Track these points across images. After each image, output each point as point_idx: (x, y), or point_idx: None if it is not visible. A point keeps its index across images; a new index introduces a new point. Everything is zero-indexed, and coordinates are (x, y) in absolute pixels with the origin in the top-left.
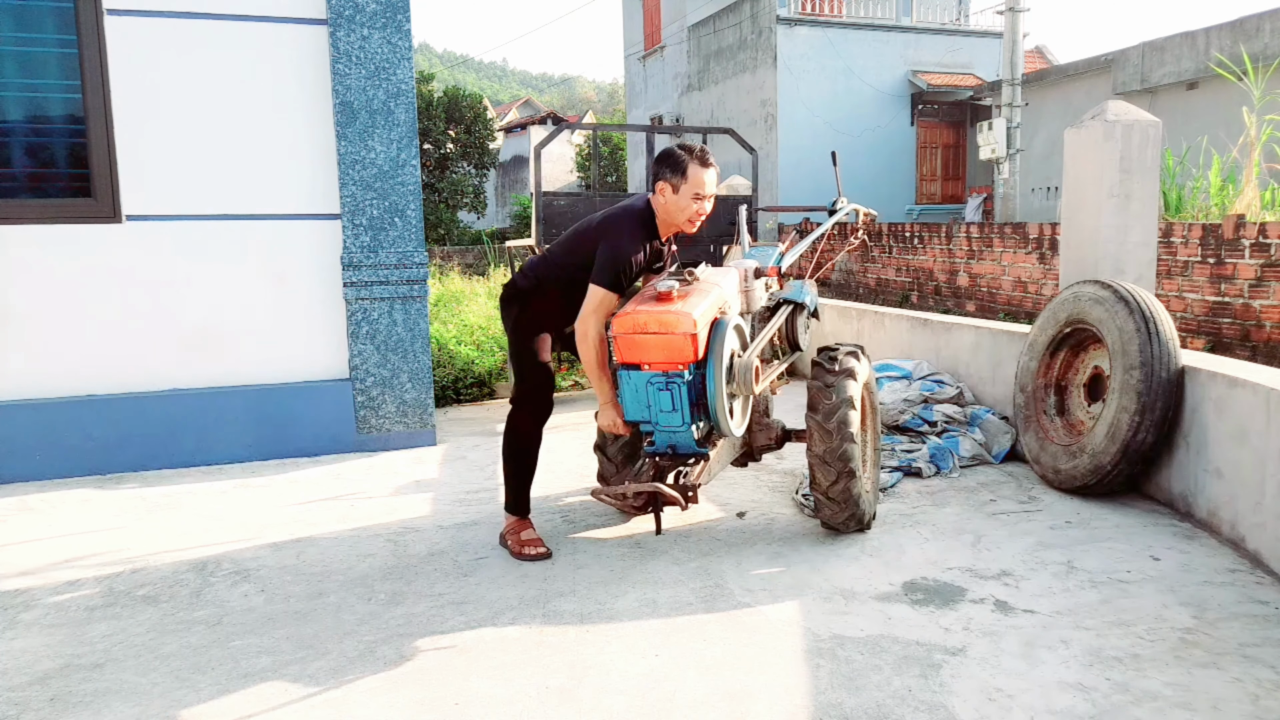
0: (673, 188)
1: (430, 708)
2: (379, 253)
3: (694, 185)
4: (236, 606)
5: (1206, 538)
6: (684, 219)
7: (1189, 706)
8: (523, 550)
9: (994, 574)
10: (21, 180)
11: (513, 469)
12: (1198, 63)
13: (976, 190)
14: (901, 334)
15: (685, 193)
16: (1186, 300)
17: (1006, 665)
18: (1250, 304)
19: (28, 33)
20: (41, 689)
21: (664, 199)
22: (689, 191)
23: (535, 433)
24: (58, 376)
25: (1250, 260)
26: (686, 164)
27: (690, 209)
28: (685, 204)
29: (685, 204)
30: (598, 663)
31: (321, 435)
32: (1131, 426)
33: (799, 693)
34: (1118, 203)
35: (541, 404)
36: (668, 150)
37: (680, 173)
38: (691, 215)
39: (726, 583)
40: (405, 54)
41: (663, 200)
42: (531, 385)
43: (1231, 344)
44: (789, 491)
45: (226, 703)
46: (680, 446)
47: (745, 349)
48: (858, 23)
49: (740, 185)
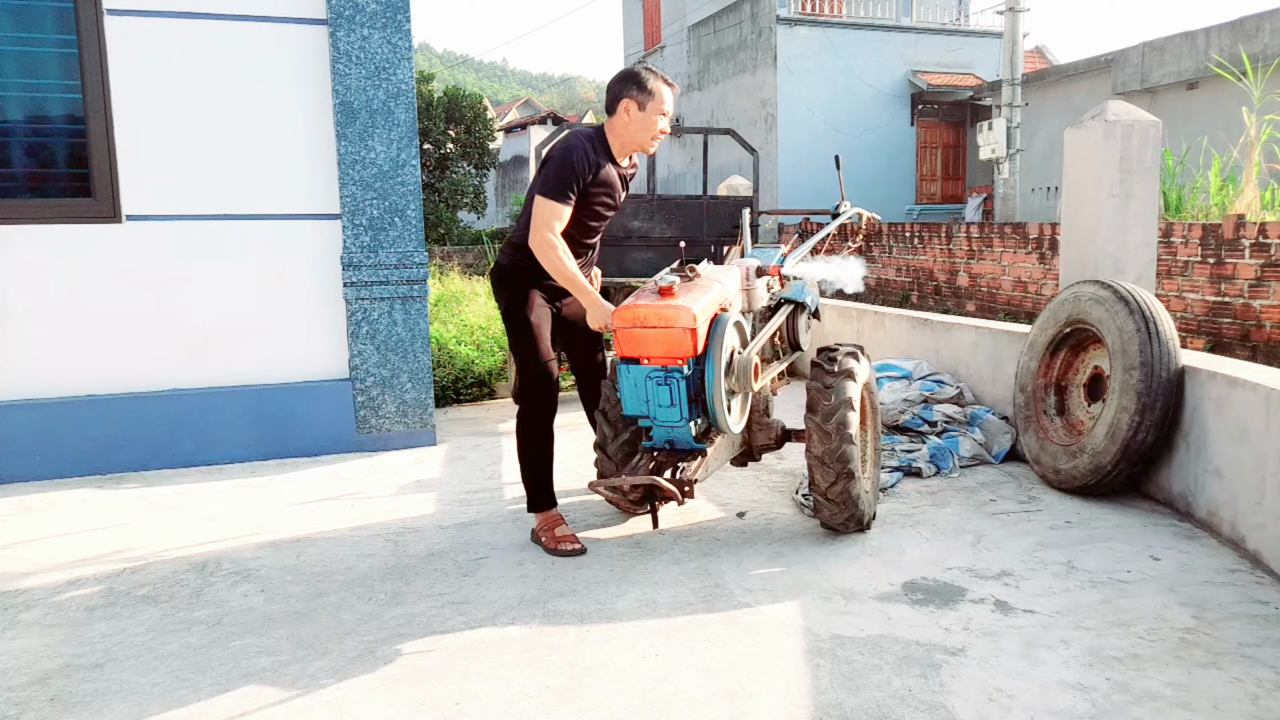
0: (639, 105)
1: (430, 708)
2: (379, 253)
3: (660, 102)
4: (236, 606)
5: (1206, 537)
6: (648, 138)
7: (1189, 706)
8: (558, 546)
9: (994, 574)
10: (21, 180)
11: (530, 466)
12: (1197, 63)
13: (976, 190)
14: (901, 334)
15: (652, 110)
16: (1186, 300)
17: (1006, 665)
18: (1250, 304)
19: (28, 32)
20: (41, 689)
21: (628, 117)
22: (655, 109)
23: (547, 426)
24: (57, 376)
25: (1250, 260)
26: (652, 83)
27: (656, 127)
28: (652, 121)
29: (652, 121)
30: (598, 663)
31: (321, 435)
32: (1131, 426)
33: (799, 693)
34: (1118, 203)
35: (548, 396)
36: (631, 70)
37: (647, 91)
38: (655, 134)
39: (726, 583)
40: (405, 54)
41: (627, 119)
42: (536, 375)
43: (1231, 344)
44: (789, 491)
45: (226, 703)
46: (678, 442)
47: (745, 346)
48: (858, 23)
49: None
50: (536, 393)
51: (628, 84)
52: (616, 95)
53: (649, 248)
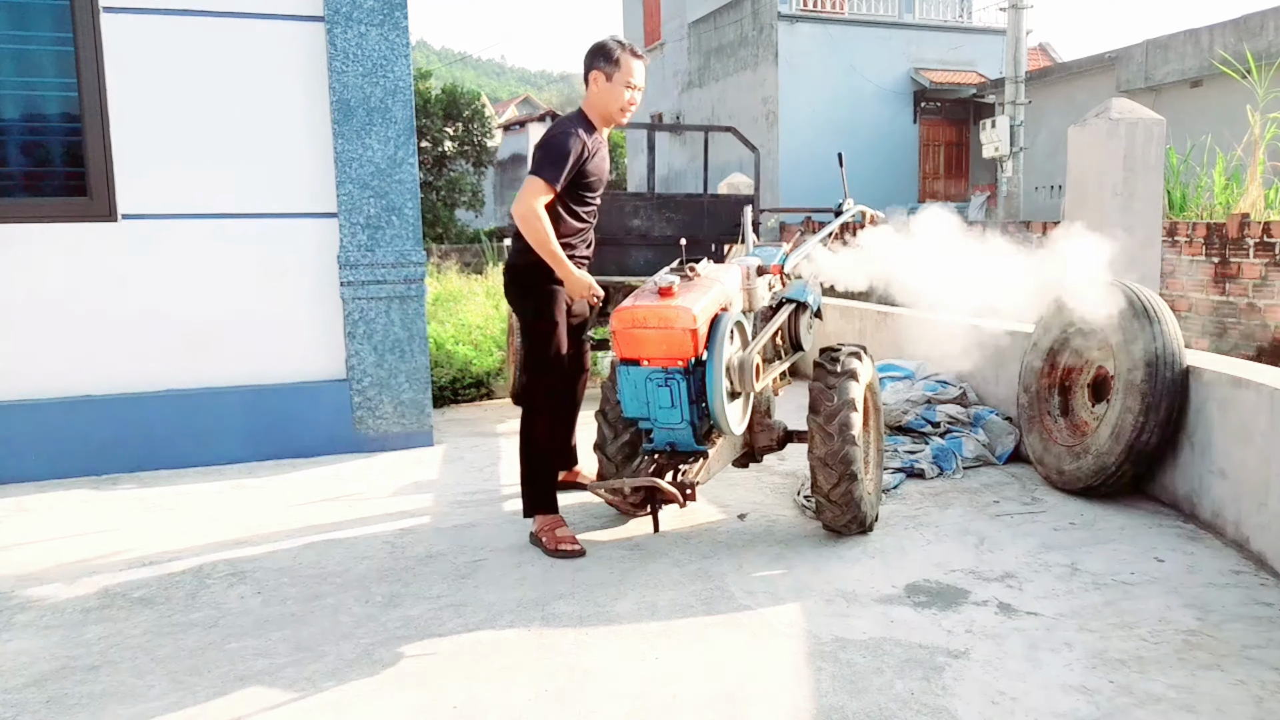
0: (606, 76)
1: (428, 711)
2: (376, 252)
3: (626, 73)
4: (233, 608)
5: (1210, 539)
6: (616, 108)
7: (1192, 709)
8: (558, 547)
9: (997, 576)
10: (17, 179)
11: (533, 472)
12: (1202, 61)
13: (980, 188)
14: (902, 334)
15: (618, 81)
16: (1191, 299)
17: (1009, 668)
18: (1255, 303)
19: (23, 30)
20: (38, 691)
21: (597, 88)
22: (622, 80)
23: (555, 436)
24: (53, 377)
25: (1255, 259)
26: (619, 54)
27: (623, 98)
28: (619, 92)
29: (619, 92)
30: (597, 666)
31: (318, 436)
32: (1136, 427)
33: (800, 696)
34: (1122, 201)
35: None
36: (600, 43)
37: (613, 62)
38: (624, 104)
39: (727, 585)
40: (403, 51)
41: (596, 90)
42: (559, 377)
43: (1236, 344)
44: (790, 493)
45: (223, 705)
46: (679, 444)
47: (746, 346)
48: (860, 19)
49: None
50: (558, 394)
51: (596, 56)
52: (587, 68)
53: (649, 246)
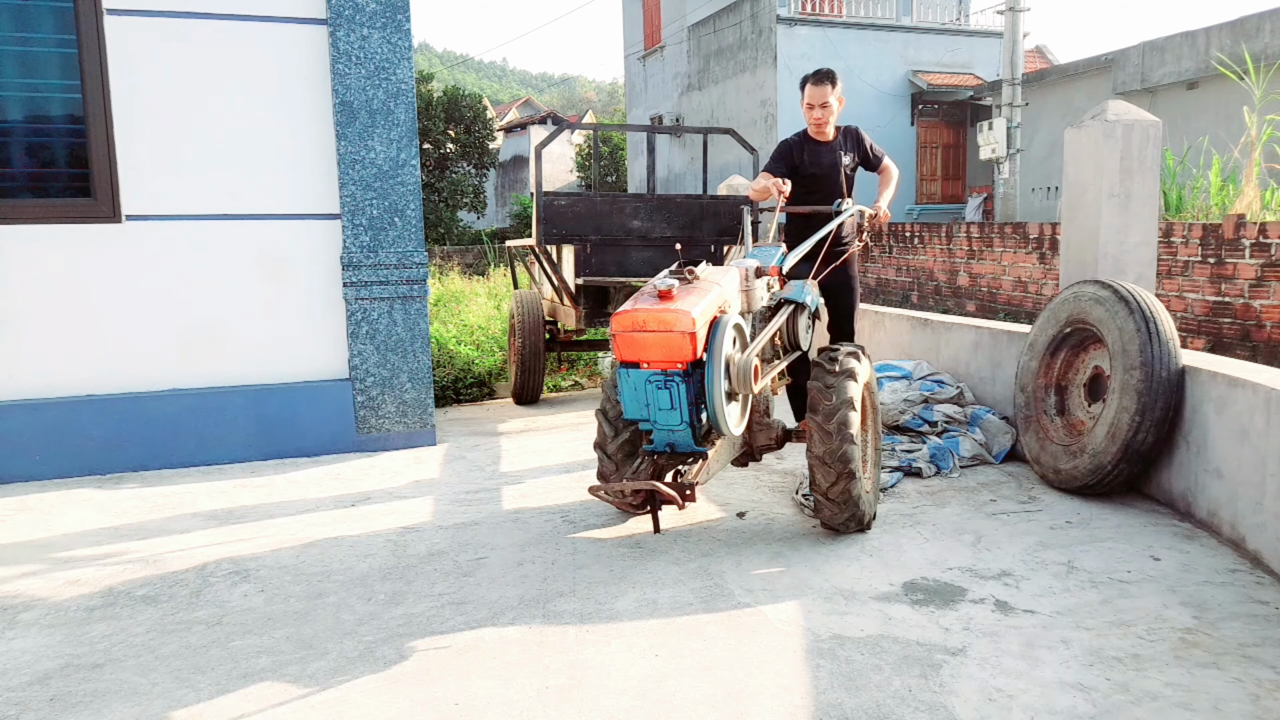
0: (802, 99)
1: (430, 708)
2: (379, 252)
3: (806, 98)
4: (236, 606)
5: (1207, 538)
6: (811, 123)
7: (1189, 707)
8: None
9: (994, 574)
10: (21, 180)
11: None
12: (1198, 62)
13: (977, 190)
14: (902, 334)
15: (803, 103)
16: (1187, 300)
17: (1007, 665)
18: (1251, 304)
19: (27, 32)
20: (41, 689)
21: (803, 108)
22: (804, 103)
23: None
24: (57, 376)
25: (1250, 260)
26: (803, 83)
27: (809, 115)
28: (807, 113)
29: (807, 113)
30: (598, 663)
31: (321, 435)
32: (1132, 426)
33: (799, 693)
34: (1118, 202)
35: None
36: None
37: (802, 89)
38: (811, 120)
39: (726, 583)
40: (405, 53)
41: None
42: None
43: (1232, 344)
44: (789, 491)
45: (226, 703)
46: (679, 445)
47: (745, 348)
48: (858, 22)
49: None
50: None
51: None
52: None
53: (649, 247)
